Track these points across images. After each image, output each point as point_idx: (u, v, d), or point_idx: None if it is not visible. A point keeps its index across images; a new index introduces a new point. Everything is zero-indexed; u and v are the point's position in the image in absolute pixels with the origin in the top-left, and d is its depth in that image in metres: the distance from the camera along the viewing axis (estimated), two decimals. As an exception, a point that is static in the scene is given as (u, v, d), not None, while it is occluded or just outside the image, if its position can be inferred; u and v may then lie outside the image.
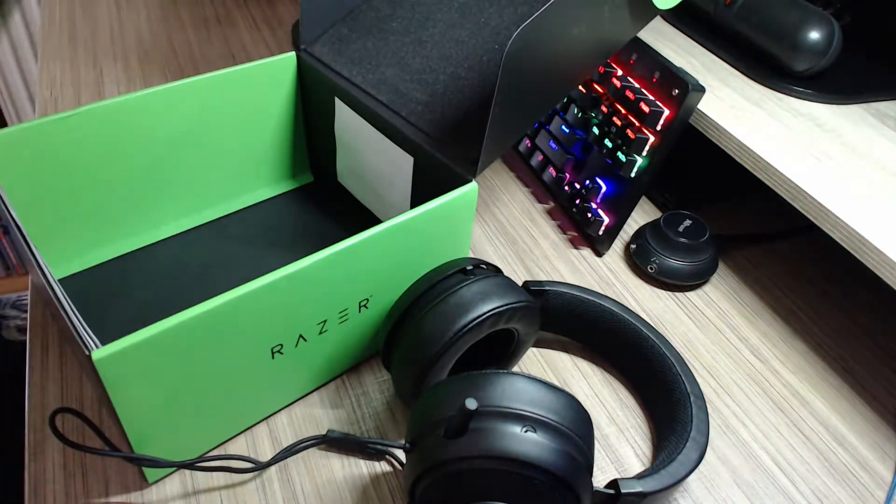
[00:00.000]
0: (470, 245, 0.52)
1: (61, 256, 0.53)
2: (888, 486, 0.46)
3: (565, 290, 0.50)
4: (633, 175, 0.59)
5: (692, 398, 0.45)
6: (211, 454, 0.45)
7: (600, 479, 0.45)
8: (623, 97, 0.59)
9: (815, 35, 0.57)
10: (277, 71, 0.57)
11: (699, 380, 0.51)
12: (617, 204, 0.60)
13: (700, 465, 0.42)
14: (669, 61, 0.57)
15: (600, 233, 0.61)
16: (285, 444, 0.45)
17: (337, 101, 0.57)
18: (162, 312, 0.52)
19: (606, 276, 0.60)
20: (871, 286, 0.60)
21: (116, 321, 0.51)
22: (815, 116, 0.57)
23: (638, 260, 0.60)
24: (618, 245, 0.63)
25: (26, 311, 1.38)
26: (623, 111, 0.60)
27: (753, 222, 0.66)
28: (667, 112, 0.56)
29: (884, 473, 0.47)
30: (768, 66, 0.61)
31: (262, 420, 0.47)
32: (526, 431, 0.34)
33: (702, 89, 0.55)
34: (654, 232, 0.59)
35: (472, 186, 0.46)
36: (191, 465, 0.41)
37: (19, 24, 1.54)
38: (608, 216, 0.60)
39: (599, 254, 0.62)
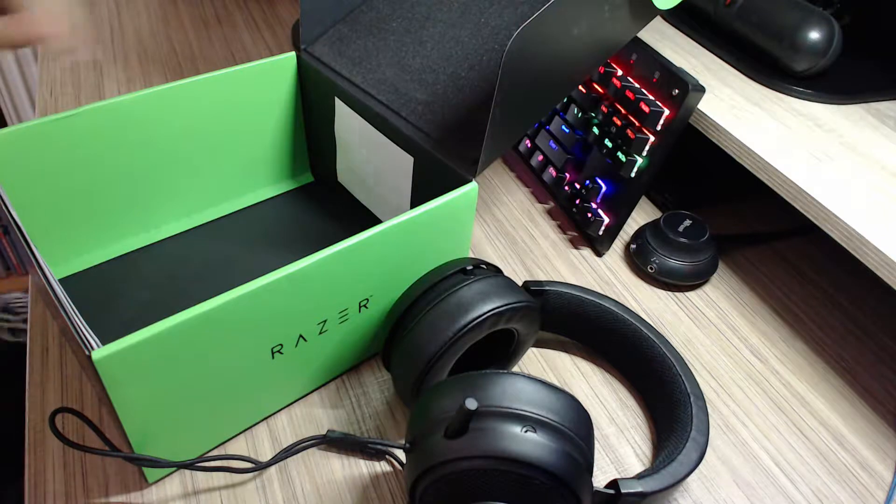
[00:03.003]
0: (470, 245, 0.52)
1: (61, 256, 0.53)
2: (888, 486, 0.46)
3: (565, 290, 0.50)
4: (633, 175, 0.59)
5: (692, 398, 0.45)
6: (211, 454, 0.45)
7: (600, 479, 0.45)
8: (623, 97, 0.59)
9: (815, 35, 0.57)
10: (277, 71, 0.57)
11: (699, 380, 0.51)
12: (617, 204, 0.60)
13: (700, 465, 0.42)
14: (669, 61, 0.57)
15: (600, 233, 0.61)
16: (285, 444, 0.45)
17: (337, 101, 0.57)
18: (162, 312, 0.52)
19: (606, 276, 0.60)
20: (871, 286, 0.60)
21: (116, 321, 0.51)
22: (815, 116, 0.57)
23: (638, 260, 0.60)
24: (618, 245, 0.63)
25: (18, 314, 1.37)
26: (623, 111, 0.60)
27: (753, 222, 0.66)
28: (667, 112, 0.56)
29: (884, 473, 0.47)
30: (768, 66, 0.61)
31: (262, 420, 0.47)
32: (526, 431, 0.34)
33: (702, 89, 0.55)
34: (654, 232, 0.59)
35: (472, 186, 0.46)
36: (191, 465, 0.41)
37: (19, 24, 1.53)
38: (608, 216, 0.60)
39: (599, 254, 0.62)
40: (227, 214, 0.60)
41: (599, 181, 0.61)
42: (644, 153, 0.58)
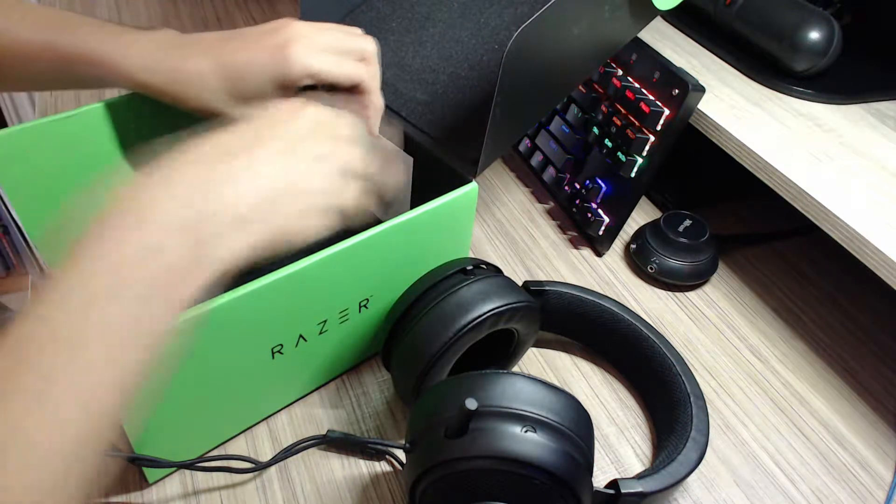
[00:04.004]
0: (470, 245, 0.52)
1: (60, 257, 0.53)
2: (888, 486, 0.46)
3: (565, 290, 0.50)
4: (633, 175, 0.59)
5: (692, 398, 0.45)
6: (211, 454, 0.45)
7: (600, 479, 0.45)
8: (623, 97, 0.59)
9: (815, 35, 0.57)
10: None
11: (699, 380, 0.51)
12: (617, 204, 0.60)
13: (700, 465, 0.42)
14: (669, 61, 0.57)
15: (600, 233, 0.61)
16: (285, 444, 0.45)
17: (337, 101, 0.57)
18: (162, 312, 0.52)
19: (606, 276, 0.60)
20: (871, 286, 0.60)
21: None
22: (815, 116, 0.57)
23: (638, 260, 0.59)
24: (618, 245, 0.63)
25: None
26: (623, 111, 0.60)
27: (753, 222, 0.66)
28: (667, 112, 0.56)
29: (884, 473, 0.47)
30: (768, 66, 0.61)
31: (262, 420, 0.47)
32: (526, 431, 0.34)
33: (702, 89, 0.55)
34: (654, 232, 0.59)
35: (472, 187, 0.46)
36: (191, 465, 0.41)
37: (19, 24, 1.53)
38: (608, 216, 0.60)
39: (599, 254, 0.62)
40: (227, 214, 0.60)
41: (599, 181, 0.61)
42: (644, 153, 0.58)
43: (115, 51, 0.44)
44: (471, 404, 0.34)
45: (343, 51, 0.45)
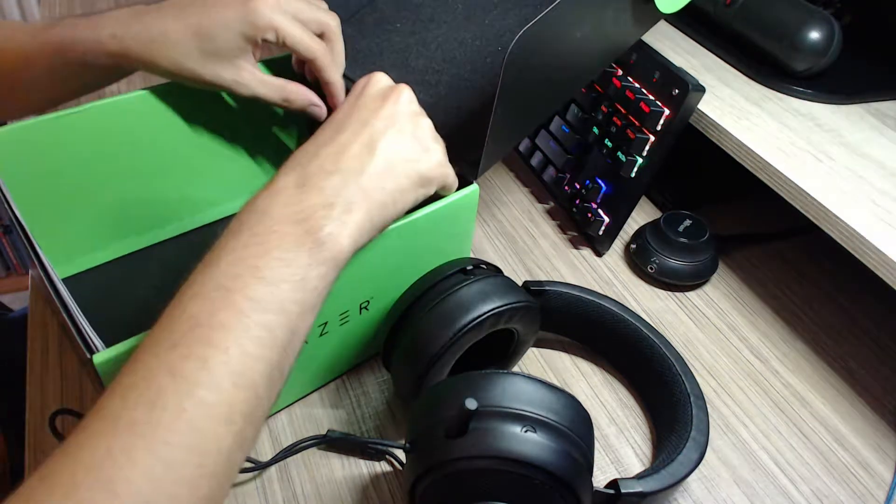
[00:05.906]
0: (471, 247, 0.52)
1: (63, 256, 0.53)
2: (888, 486, 0.46)
3: (565, 290, 0.50)
4: (632, 175, 0.59)
5: (692, 398, 0.45)
6: (212, 454, 0.45)
7: (600, 479, 0.45)
8: (623, 97, 0.59)
9: (815, 35, 0.57)
10: (279, 70, 0.57)
11: (699, 380, 0.51)
12: (617, 204, 0.60)
13: (700, 465, 0.42)
14: (669, 61, 0.57)
15: (600, 233, 0.61)
16: (285, 444, 0.45)
17: (337, 101, 0.57)
18: (163, 312, 0.52)
19: (606, 276, 0.60)
20: (871, 286, 0.60)
21: (119, 322, 0.51)
22: (815, 116, 0.57)
23: (638, 260, 0.60)
24: (618, 245, 0.63)
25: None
26: (623, 111, 0.60)
27: (753, 222, 0.66)
28: (667, 112, 0.56)
29: (884, 473, 0.47)
30: (768, 66, 0.61)
31: (263, 420, 0.47)
32: (526, 431, 0.34)
33: (702, 89, 0.55)
34: (654, 232, 0.59)
35: (473, 189, 0.46)
36: (192, 465, 0.41)
37: (20, 23, 1.53)
38: (608, 216, 0.60)
39: (599, 254, 0.62)
40: (229, 215, 0.60)
41: (599, 181, 0.61)
42: (644, 153, 0.58)
43: (88, 26, 0.46)
44: (471, 404, 0.34)
45: (306, 20, 0.47)
